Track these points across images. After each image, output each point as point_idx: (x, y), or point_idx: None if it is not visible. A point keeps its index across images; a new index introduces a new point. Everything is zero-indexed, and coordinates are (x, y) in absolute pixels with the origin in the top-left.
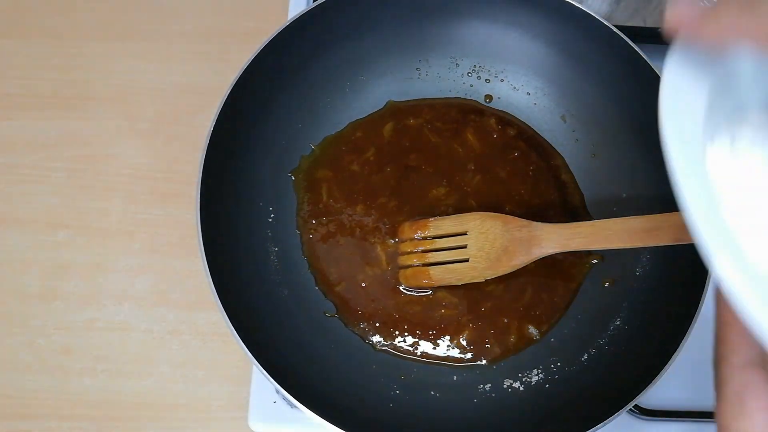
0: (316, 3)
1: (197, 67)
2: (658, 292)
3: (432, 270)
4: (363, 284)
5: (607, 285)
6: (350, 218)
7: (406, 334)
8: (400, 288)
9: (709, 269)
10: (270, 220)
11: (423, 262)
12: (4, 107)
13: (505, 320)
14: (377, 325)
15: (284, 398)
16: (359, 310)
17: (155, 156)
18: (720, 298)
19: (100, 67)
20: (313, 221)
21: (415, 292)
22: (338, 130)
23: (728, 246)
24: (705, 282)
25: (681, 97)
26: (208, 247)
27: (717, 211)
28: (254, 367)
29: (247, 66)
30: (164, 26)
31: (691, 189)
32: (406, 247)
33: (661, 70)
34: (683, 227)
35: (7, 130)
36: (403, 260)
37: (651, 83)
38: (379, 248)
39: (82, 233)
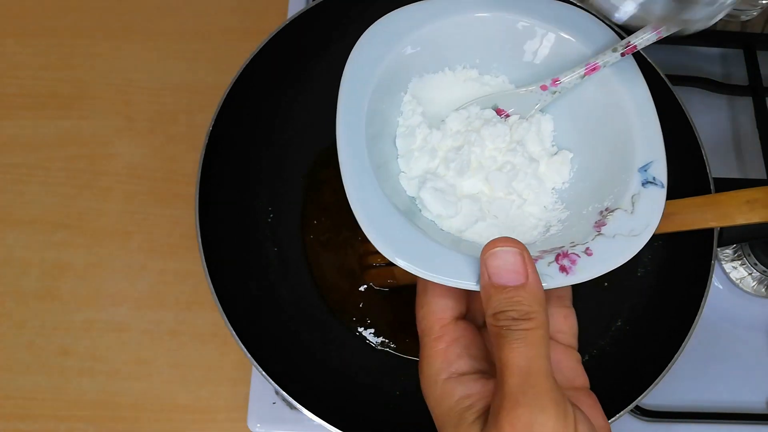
0: (316, 2)
1: (196, 67)
2: (659, 292)
3: (396, 269)
4: (361, 288)
5: (606, 285)
6: (351, 219)
7: (405, 334)
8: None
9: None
10: (269, 220)
11: (386, 262)
12: (3, 107)
13: None
14: (377, 325)
15: (283, 399)
16: (358, 311)
17: (154, 156)
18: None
19: (98, 66)
20: (315, 222)
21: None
22: None
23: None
24: (706, 282)
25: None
26: (207, 247)
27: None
28: (253, 368)
29: (247, 65)
30: (163, 25)
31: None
32: (370, 247)
33: (656, 63)
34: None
35: (6, 129)
36: (368, 260)
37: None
38: None
39: (81, 233)
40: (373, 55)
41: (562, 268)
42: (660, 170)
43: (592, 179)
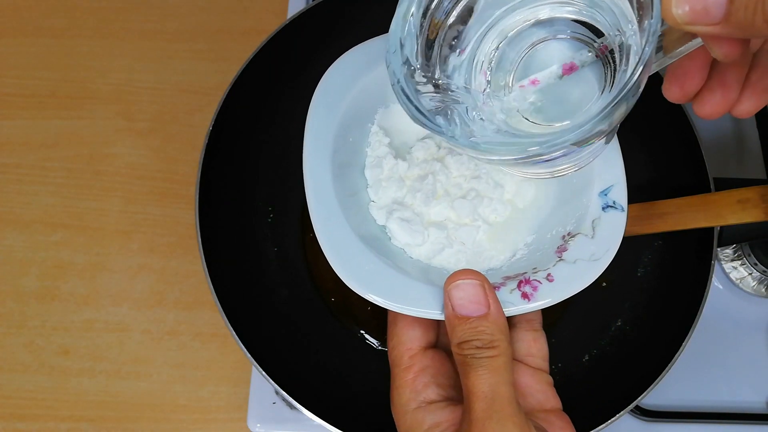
0: (316, 2)
1: (196, 67)
2: (659, 292)
3: None
4: None
5: (604, 285)
6: None
7: None
8: None
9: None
10: (269, 220)
11: None
12: (2, 107)
13: None
14: (377, 325)
15: (283, 399)
16: (358, 311)
17: (154, 156)
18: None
19: (98, 66)
20: None
21: None
22: None
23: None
24: (706, 282)
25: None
26: (207, 247)
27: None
28: (253, 367)
29: (246, 65)
30: (163, 25)
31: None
32: None
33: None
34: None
35: (6, 129)
36: None
37: None
38: None
39: (81, 233)
40: (337, 90)
41: (524, 295)
42: (620, 194)
43: (555, 203)
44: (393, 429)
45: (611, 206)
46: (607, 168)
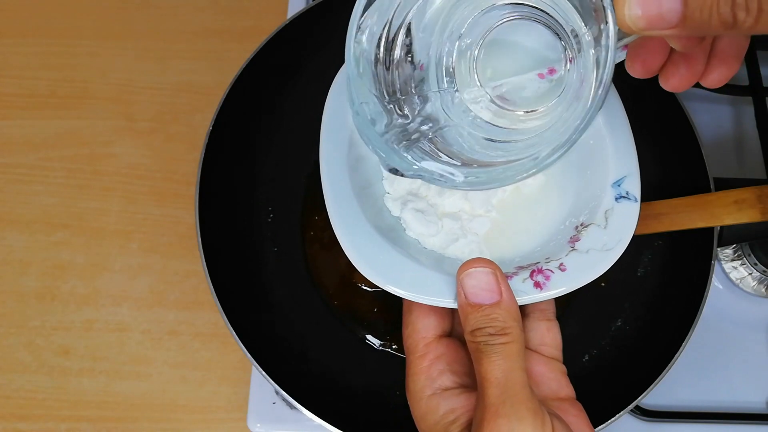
0: (316, 1)
1: (196, 66)
2: (659, 292)
3: None
4: (361, 289)
5: (604, 285)
6: None
7: None
8: None
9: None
10: (269, 220)
11: None
12: (2, 107)
13: None
14: (377, 325)
15: (283, 399)
16: (359, 311)
17: (154, 155)
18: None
19: (98, 66)
20: (315, 222)
21: None
22: None
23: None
24: (706, 282)
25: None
26: (207, 247)
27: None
28: (253, 367)
29: (247, 65)
30: (163, 25)
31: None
32: None
33: None
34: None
35: (5, 129)
36: None
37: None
38: None
39: (81, 233)
40: None
41: (537, 284)
42: (633, 185)
43: (568, 194)
44: (393, 428)
45: (624, 197)
46: (621, 159)
